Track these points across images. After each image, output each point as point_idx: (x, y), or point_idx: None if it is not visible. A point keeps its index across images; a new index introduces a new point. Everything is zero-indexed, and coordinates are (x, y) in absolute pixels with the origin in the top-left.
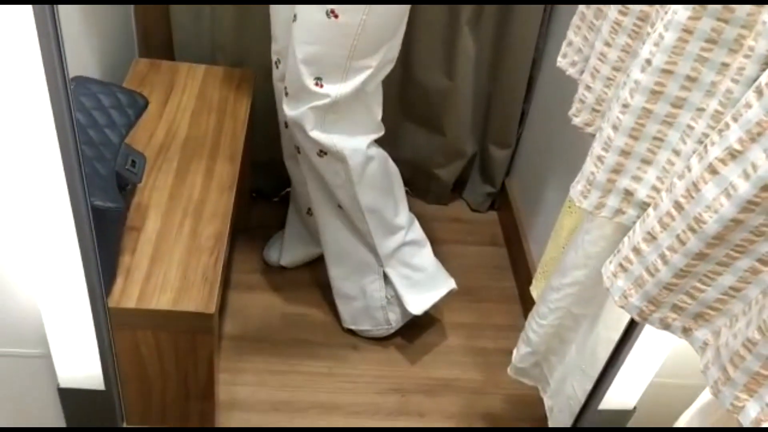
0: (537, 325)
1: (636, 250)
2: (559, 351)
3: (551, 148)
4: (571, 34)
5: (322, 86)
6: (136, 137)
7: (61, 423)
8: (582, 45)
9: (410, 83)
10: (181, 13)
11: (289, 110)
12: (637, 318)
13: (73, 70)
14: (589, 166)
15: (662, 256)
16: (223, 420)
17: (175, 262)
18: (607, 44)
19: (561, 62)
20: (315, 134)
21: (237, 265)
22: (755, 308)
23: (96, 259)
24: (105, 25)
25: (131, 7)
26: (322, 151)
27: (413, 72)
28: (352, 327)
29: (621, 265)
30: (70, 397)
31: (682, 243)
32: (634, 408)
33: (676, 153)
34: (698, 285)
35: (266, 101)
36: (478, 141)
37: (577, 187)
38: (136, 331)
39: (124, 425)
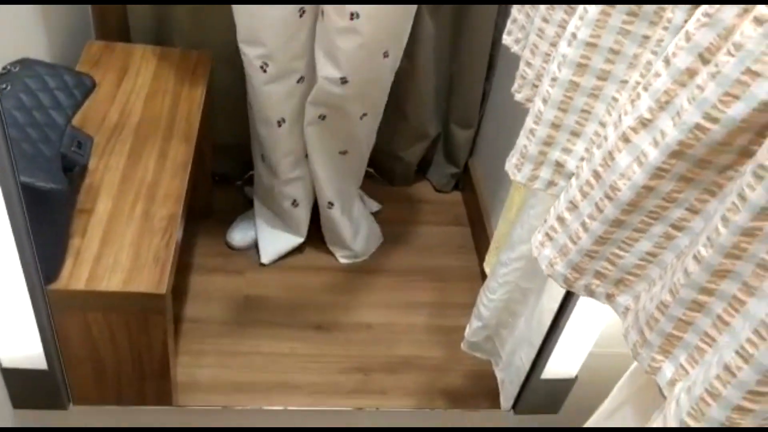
0: (487, 300)
1: (560, 219)
2: (510, 325)
3: (512, 127)
4: (515, 12)
5: None
6: (89, 119)
7: (7, 403)
8: (525, 22)
9: None
10: None
11: None
12: (563, 285)
13: (23, 52)
14: (521, 139)
15: (583, 224)
16: (183, 401)
17: (127, 243)
18: (545, 20)
19: (506, 39)
20: None
21: (200, 248)
22: (669, 272)
23: (30, 240)
24: (59, 7)
25: None
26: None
27: None
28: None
29: (547, 234)
30: (13, 377)
31: (600, 210)
32: (576, 377)
33: (603, 125)
34: (617, 251)
35: (228, 84)
36: (441, 122)
37: (511, 161)
38: (86, 312)
39: (71, 405)
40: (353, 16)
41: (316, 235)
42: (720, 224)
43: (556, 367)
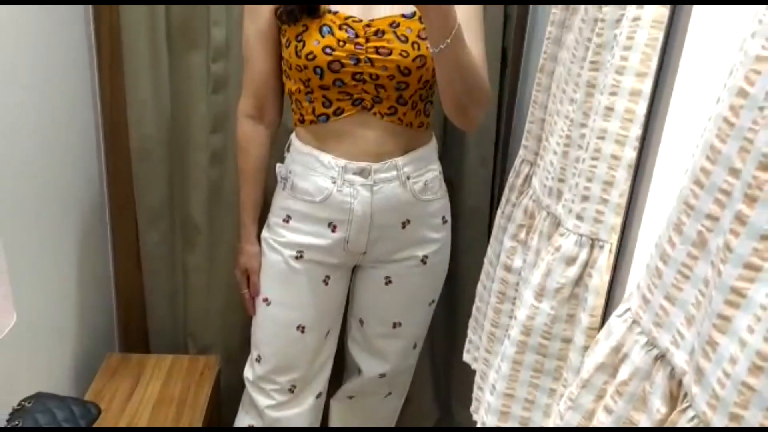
0: None
1: None
2: None
3: None
4: (470, 333)
5: None
6: None
7: None
8: (478, 342)
9: None
10: (157, 305)
11: None
12: None
13: (48, 370)
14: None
15: None
16: None
17: None
18: (491, 339)
19: (466, 357)
20: None
21: None
22: None
23: None
24: (86, 322)
25: (113, 301)
26: None
27: None
28: None
29: None
30: None
31: None
32: None
33: None
34: None
35: (235, 383)
36: (442, 403)
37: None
38: None
39: None
40: (396, 325)
41: None
42: None
43: None
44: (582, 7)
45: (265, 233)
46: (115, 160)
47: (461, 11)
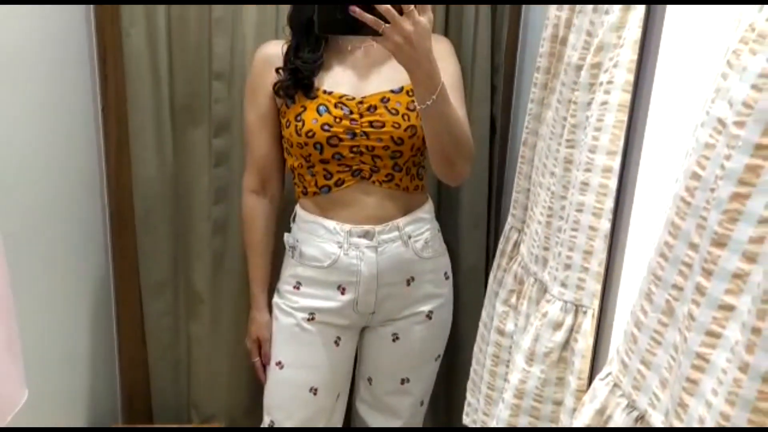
0: None
1: None
2: None
3: None
4: (469, 395)
5: None
6: None
7: None
8: (477, 405)
9: None
10: (161, 375)
11: None
12: None
13: None
14: None
15: None
16: None
17: None
18: (485, 414)
19: (465, 420)
20: None
21: None
22: None
23: None
24: (91, 395)
25: (117, 373)
26: None
27: None
28: None
29: None
30: None
31: None
32: None
33: None
34: None
35: None
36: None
37: None
38: None
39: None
40: (404, 381)
41: None
42: None
43: None
44: (557, 88)
45: (276, 299)
46: (120, 233)
47: (444, 75)
